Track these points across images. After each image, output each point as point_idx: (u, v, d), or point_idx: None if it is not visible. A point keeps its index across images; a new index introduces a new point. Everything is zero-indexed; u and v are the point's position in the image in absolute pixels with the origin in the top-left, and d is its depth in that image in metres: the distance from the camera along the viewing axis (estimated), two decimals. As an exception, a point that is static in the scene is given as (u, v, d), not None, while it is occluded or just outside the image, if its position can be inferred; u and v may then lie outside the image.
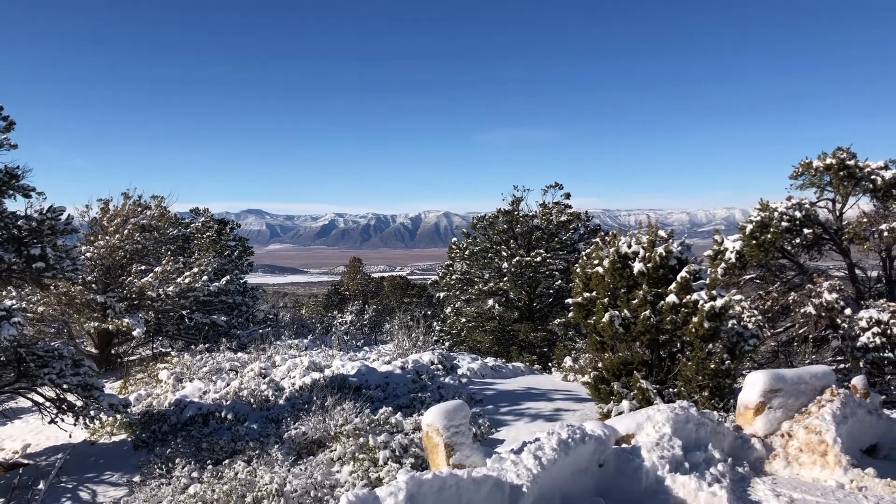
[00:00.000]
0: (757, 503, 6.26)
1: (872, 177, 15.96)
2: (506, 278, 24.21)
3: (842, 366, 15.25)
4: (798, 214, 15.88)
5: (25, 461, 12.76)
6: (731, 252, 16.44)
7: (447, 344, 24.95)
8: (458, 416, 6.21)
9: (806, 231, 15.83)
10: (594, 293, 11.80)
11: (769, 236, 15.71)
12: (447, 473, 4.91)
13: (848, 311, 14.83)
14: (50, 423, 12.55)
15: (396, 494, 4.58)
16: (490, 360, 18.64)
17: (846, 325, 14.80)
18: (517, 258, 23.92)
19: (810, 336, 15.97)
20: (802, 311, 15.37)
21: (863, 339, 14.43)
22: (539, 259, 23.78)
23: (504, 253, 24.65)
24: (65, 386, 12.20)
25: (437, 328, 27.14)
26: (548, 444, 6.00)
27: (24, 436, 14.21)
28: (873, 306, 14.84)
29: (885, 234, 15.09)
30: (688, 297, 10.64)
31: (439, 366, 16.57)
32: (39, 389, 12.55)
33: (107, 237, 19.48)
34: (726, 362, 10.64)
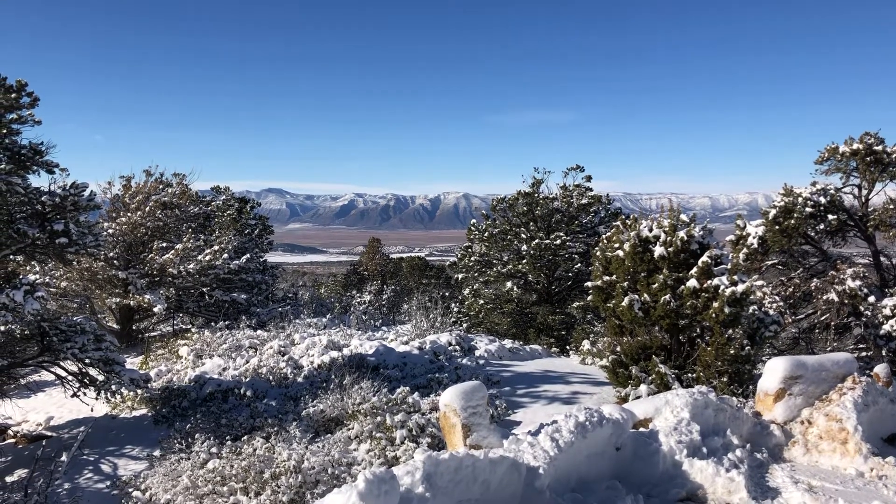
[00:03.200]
0: (775, 489, 6.22)
1: (900, 163, 15.69)
2: (525, 261, 24.13)
3: (864, 354, 15.10)
4: (823, 200, 15.67)
5: (49, 433, 12.96)
6: (754, 237, 16.27)
7: (465, 325, 24.96)
8: (475, 397, 6.22)
9: (830, 217, 15.61)
10: (614, 277, 11.75)
11: (793, 222, 15.52)
12: (464, 453, 4.92)
13: (871, 299, 14.65)
14: (72, 396, 12.71)
15: (413, 473, 4.59)
16: (508, 343, 18.64)
17: (869, 313, 14.64)
18: (536, 241, 23.83)
19: (832, 323, 15.81)
20: (825, 297, 15.20)
21: (886, 328, 14.27)
22: (559, 242, 23.67)
23: (523, 235, 24.56)
24: (87, 360, 12.35)
25: (455, 309, 27.15)
26: (565, 427, 5.99)
27: (48, 408, 14.42)
28: (898, 294, 14.66)
29: (912, 221, 14.87)
30: (708, 282, 10.56)
31: (457, 347, 16.61)
32: (62, 363, 12.70)
33: (129, 214, 19.63)
34: (746, 348, 10.57)
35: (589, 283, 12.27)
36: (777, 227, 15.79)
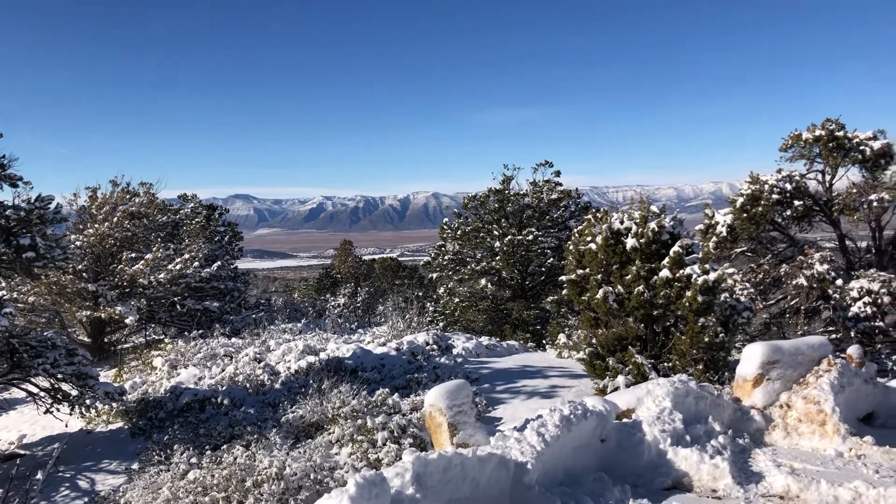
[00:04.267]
0: (758, 474, 6.30)
1: (861, 147, 15.99)
2: (498, 257, 24.20)
3: (833, 336, 15.37)
4: (788, 187, 15.92)
5: (22, 452, 12.70)
6: (723, 226, 16.48)
7: (441, 324, 24.97)
8: (460, 396, 6.21)
9: (796, 203, 15.86)
10: (587, 270, 11.82)
11: (760, 209, 15.75)
12: (452, 452, 4.91)
13: (839, 282, 14.93)
14: (45, 412, 12.49)
15: (403, 475, 4.58)
16: (484, 339, 18.68)
17: (837, 296, 14.91)
18: (509, 237, 23.91)
19: (802, 307, 16.08)
20: (794, 282, 15.46)
21: (854, 309, 14.54)
22: (531, 237, 23.78)
23: (496, 232, 24.63)
24: (59, 375, 12.14)
25: (431, 309, 27.14)
26: (550, 421, 6.01)
27: (20, 426, 14.14)
28: (864, 276, 14.94)
29: (875, 204, 15.15)
30: (681, 271, 10.67)
31: (434, 346, 16.60)
32: (33, 380, 12.47)
33: (96, 225, 19.32)
34: (720, 335, 10.69)
35: (563, 277, 12.34)
36: (745, 215, 16.01)
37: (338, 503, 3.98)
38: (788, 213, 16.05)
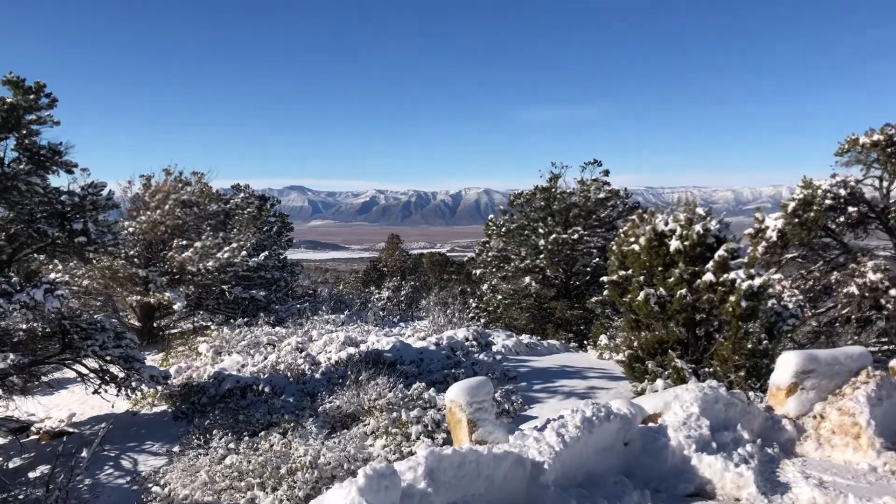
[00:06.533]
0: (785, 484, 6.18)
1: (922, 153, 15.44)
2: (542, 255, 24.07)
3: (886, 347, 14.91)
4: (843, 192, 15.46)
5: (71, 430, 13.18)
6: (773, 230, 16.09)
7: (483, 321, 24.96)
8: (480, 393, 6.24)
9: (850, 209, 15.40)
10: (630, 271, 11.68)
11: (812, 214, 15.33)
12: (467, 449, 4.94)
13: (893, 292, 14.45)
14: (93, 393, 12.93)
15: (416, 469, 4.62)
16: (525, 338, 18.62)
17: (891, 307, 14.45)
18: (554, 235, 23.76)
19: (853, 317, 15.61)
20: (845, 291, 15.02)
21: (907, 321, 14.08)
22: (576, 236, 23.60)
23: (541, 230, 24.48)
24: (107, 357, 12.55)
25: (474, 305, 27.15)
26: (571, 422, 5.99)
27: (70, 405, 14.67)
28: (919, 287, 14.44)
29: (935, 212, 14.64)
30: (725, 275, 10.47)
31: (474, 342, 16.62)
32: (83, 361, 12.91)
33: (148, 212, 19.86)
34: (763, 342, 10.48)
35: (605, 278, 12.23)
36: (796, 220, 15.60)
37: (346, 493, 4.06)
38: (842, 219, 15.59)
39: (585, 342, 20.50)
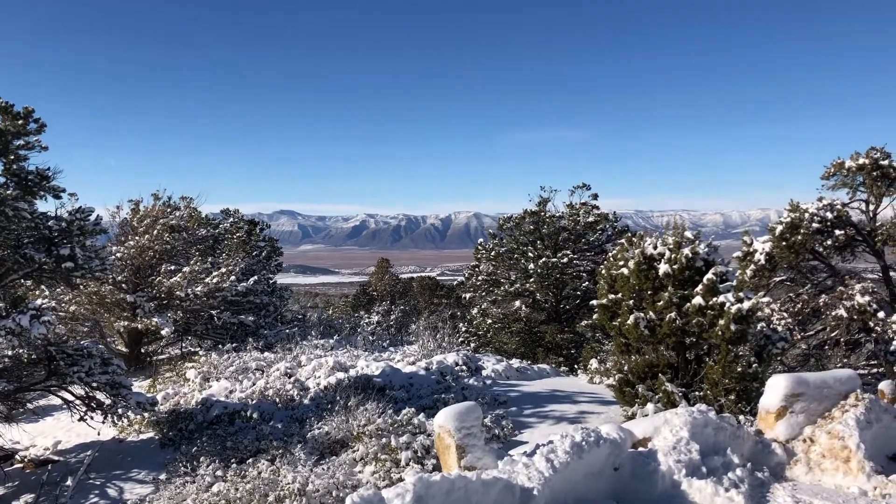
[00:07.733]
0: (776, 509, 6.16)
1: (907, 177, 15.58)
2: (532, 279, 24.08)
3: (875, 370, 14.93)
4: (829, 215, 15.55)
5: (56, 458, 12.99)
6: (761, 253, 16.15)
7: (473, 345, 24.91)
8: (469, 418, 6.19)
9: (837, 232, 15.48)
10: (619, 295, 11.69)
11: (799, 237, 15.40)
12: (456, 475, 4.90)
13: (881, 315, 14.49)
14: (79, 420, 12.77)
15: (403, 496, 4.58)
16: (515, 362, 18.57)
17: (879, 329, 14.49)
18: (543, 259, 23.79)
19: (842, 339, 15.64)
20: (834, 313, 15.06)
21: (896, 344, 14.12)
22: (566, 260, 23.64)
23: (530, 254, 24.53)
24: (93, 384, 12.42)
25: (463, 329, 27.10)
26: (560, 447, 5.96)
27: (55, 433, 14.46)
28: (907, 309, 14.51)
29: (921, 235, 14.74)
30: (714, 299, 10.48)
31: (464, 367, 16.55)
32: (69, 387, 12.76)
33: (137, 237, 19.78)
34: (753, 365, 10.48)
35: (594, 302, 12.23)
36: (784, 243, 15.67)
37: (334, 521, 4.01)
38: (829, 242, 15.67)
39: (576, 366, 20.45)
